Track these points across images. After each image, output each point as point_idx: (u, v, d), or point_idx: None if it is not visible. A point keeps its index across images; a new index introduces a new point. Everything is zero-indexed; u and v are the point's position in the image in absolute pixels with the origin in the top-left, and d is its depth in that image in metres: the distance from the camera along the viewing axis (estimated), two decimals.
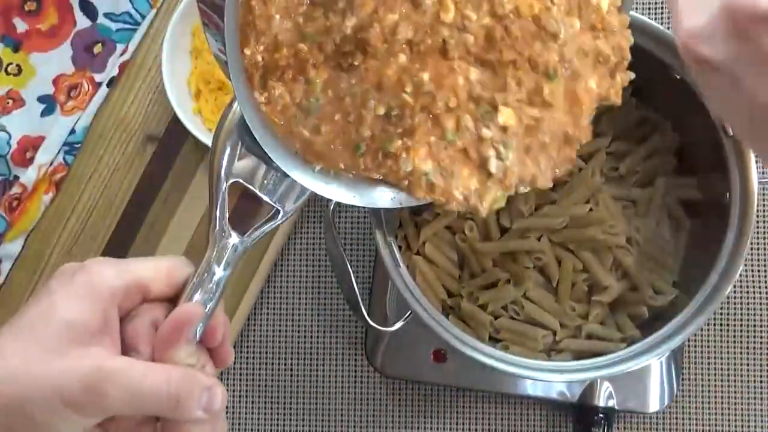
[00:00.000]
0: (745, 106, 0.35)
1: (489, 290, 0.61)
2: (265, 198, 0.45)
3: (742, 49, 0.33)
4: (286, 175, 0.44)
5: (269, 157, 0.43)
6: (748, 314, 0.69)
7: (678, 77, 0.55)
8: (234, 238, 0.43)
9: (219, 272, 0.43)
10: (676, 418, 0.68)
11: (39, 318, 0.37)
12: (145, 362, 0.39)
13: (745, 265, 0.69)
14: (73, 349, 0.37)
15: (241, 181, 0.44)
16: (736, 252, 0.53)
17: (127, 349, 0.40)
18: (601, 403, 0.64)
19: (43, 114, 0.71)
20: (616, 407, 0.64)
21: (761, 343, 0.69)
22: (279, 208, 0.46)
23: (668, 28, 0.53)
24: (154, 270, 0.41)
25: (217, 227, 0.43)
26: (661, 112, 0.62)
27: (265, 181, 0.45)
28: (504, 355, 0.53)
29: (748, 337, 0.69)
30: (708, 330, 0.69)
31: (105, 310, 0.38)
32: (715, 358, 0.69)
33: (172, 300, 0.42)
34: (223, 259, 0.43)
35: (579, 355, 0.58)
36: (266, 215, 0.46)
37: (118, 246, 0.70)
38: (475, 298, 0.61)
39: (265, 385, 0.70)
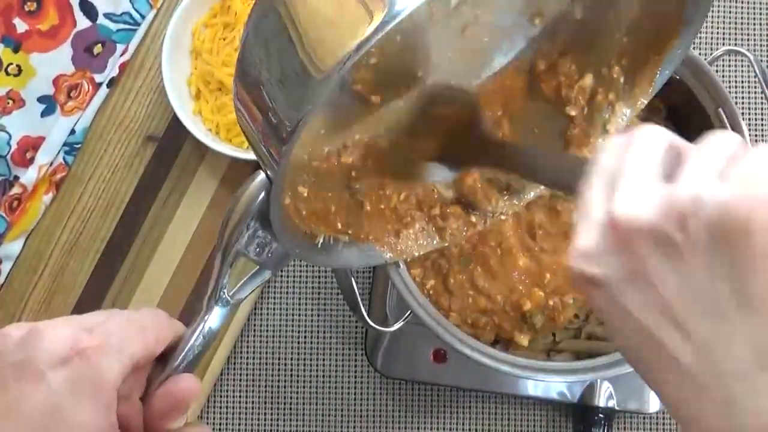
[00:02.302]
0: (623, 328, 0.33)
1: None
2: (267, 270, 0.47)
3: (621, 263, 0.31)
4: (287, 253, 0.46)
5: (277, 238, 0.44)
6: None
7: (678, 77, 0.55)
8: (225, 301, 0.45)
9: (208, 333, 0.44)
10: None
11: (46, 419, 0.38)
12: None
13: None
14: None
15: (250, 255, 0.45)
16: None
17: (122, 426, 0.40)
18: (601, 404, 0.64)
19: (43, 114, 0.71)
20: (616, 407, 0.64)
21: None
22: (273, 273, 0.47)
23: None
24: (144, 344, 0.41)
25: (217, 296, 0.44)
26: (662, 111, 0.62)
27: (269, 255, 0.46)
28: (504, 355, 0.53)
29: None
30: None
31: (110, 404, 0.39)
32: None
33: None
34: (213, 321, 0.44)
35: (579, 356, 0.58)
36: (249, 273, 0.47)
37: (118, 246, 0.70)
38: None
39: (265, 385, 0.70)
